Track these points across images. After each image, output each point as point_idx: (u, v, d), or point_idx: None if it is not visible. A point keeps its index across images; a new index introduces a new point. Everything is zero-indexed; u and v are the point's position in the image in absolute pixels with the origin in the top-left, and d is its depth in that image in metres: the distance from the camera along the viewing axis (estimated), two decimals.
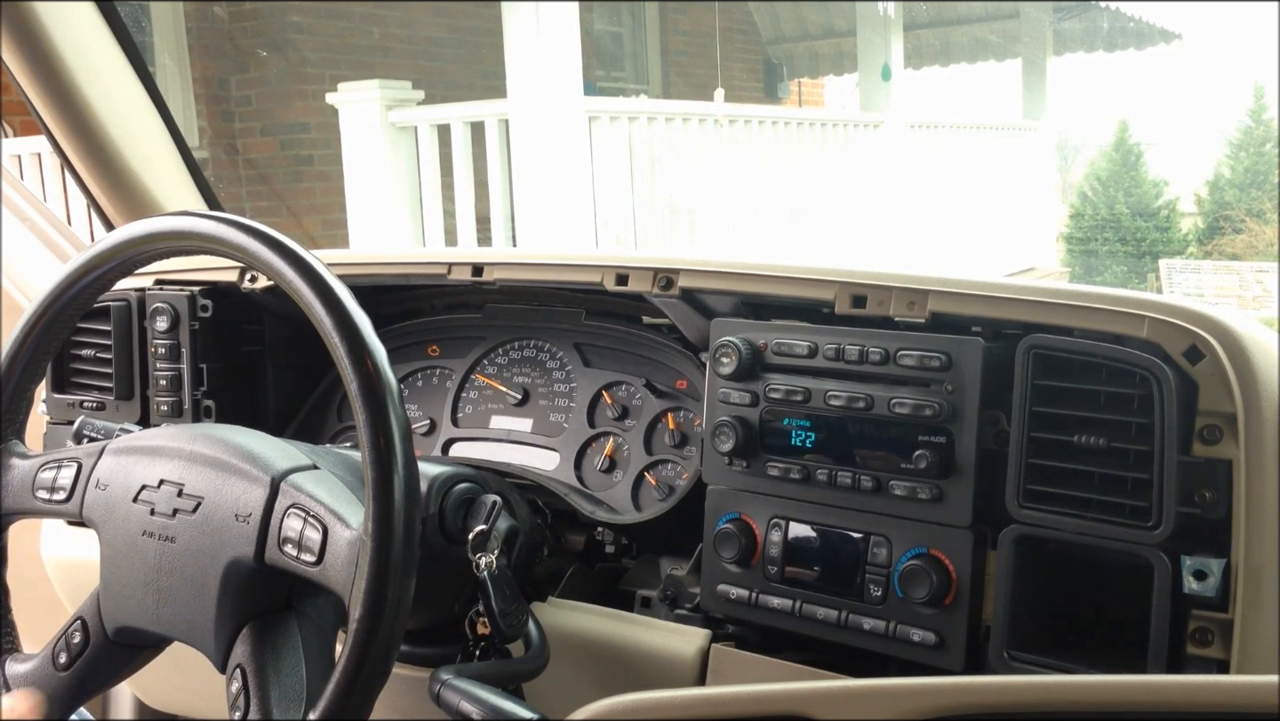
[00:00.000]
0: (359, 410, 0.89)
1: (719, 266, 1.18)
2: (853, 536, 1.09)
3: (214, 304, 1.48)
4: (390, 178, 5.90)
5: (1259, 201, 10.05)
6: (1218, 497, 0.91)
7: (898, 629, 1.05)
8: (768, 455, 1.13)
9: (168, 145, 1.78)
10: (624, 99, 6.74)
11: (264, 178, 7.14)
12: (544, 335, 1.46)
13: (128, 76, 1.71)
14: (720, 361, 1.14)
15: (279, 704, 0.94)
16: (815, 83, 11.65)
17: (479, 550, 1.09)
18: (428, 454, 1.46)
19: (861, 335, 1.08)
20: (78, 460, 1.10)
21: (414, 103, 5.95)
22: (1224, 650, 0.92)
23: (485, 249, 1.56)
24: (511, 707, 0.97)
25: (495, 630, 1.09)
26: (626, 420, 1.37)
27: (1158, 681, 0.63)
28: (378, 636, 0.87)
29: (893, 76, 8.23)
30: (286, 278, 0.94)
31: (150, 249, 1.06)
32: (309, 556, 0.94)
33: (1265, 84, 10.29)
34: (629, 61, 9.65)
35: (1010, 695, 0.61)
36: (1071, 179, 11.72)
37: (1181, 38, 10.13)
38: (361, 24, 7.23)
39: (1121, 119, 10.57)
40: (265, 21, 7.03)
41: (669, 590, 1.22)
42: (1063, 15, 10.15)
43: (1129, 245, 10.01)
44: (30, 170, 4.64)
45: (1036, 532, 0.99)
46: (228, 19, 7.08)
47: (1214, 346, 0.92)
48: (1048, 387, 0.98)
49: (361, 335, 0.91)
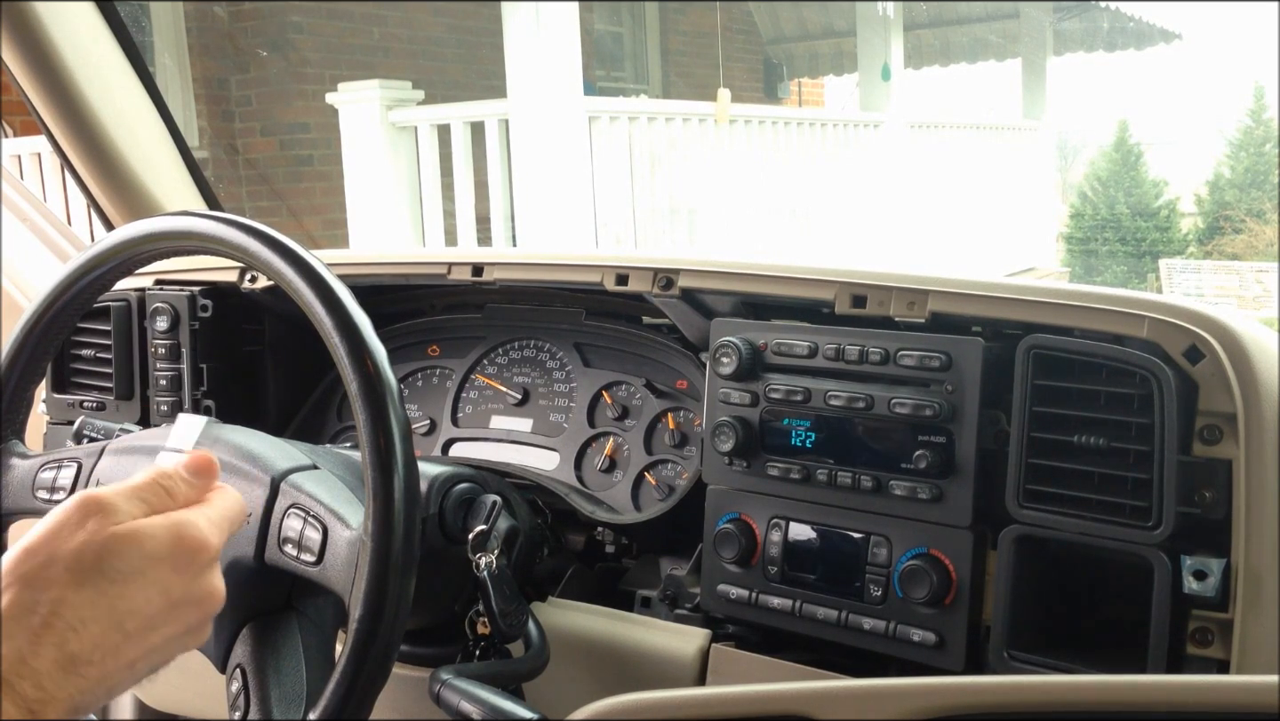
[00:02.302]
0: (359, 410, 0.89)
1: (719, 266, 1.18)
2: (853, 536, 1.09)
3: (214, 304, 1.48)
4: (390, 178, 5.91)
5: (1259, 201, 10.05)
6: (1218, 497, 0.91)
7: (898, 629, 1.05)
8: (768, 455, 1.13)
9: (168, 145, 1.78)
10: (624, 99, 6.75)
11: (264, 178, 7.14)
12: (544, 335, 1.45)
13: (128, 76, 1.71)
14: (720, 361, 1.14)
15: (279, 704, 0.94)
16: (815, 83, 11.66)
17: (479, 550, 1.09)
18: (428, 454, 1.46)
19: (861, 335, 1.08)
20: (78, 460, 1.10)
21: (414, 103, 5.95)
22: (1224, 650, 0.92)
23: (485, 249, 1.56)
24: (511, 707, 0.97)
25: (495, 630, 1.09)
26: (626, 420, 1.37)
27: (1158, 681, 0.63)
28: (378, 636, 0.87)
29: (893, 76, 8.23)
30: (286, 278, 0.94)
31: (150, 249, 1.06)
32: (309, 556, 0.94)
33: (1265, 84, 10.30)
34: (629, 61, 9.65)
35: (1010, 695, 0.61)
36: (1071, 179, 11.73)
37: (1181, 38, 10.14)
38: (361, 24, 7.24)
39: (1121, 119, 10.58)
40: (265, 21, 7.03)
41: (669, 590, 1.22)
42: (1063, 15, 10.15)
43: (1129, 245, 10.02)
44: (30, 170, 4.64)
45: (1036, 532, 0.99)
46: (228, 19, 7.08)
47: (1214, 346, 0.92)
48: (1048, 388, 0.98)
49: (361, 335, 0.91)
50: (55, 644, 0.67)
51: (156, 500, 0.76)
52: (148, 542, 0.73)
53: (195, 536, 0.75)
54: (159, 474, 0.78)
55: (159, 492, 0.77)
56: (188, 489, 0.79)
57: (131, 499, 0.75)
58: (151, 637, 0.73)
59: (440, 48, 7.70)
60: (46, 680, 0.66)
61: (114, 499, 0.74)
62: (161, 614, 0.73)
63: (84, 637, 0.68)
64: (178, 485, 0.78)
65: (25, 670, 0.66)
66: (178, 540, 0.74)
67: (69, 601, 0.69)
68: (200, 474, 0.80)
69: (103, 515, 0.72)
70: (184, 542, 0.74)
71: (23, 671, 0.66)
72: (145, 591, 0.72)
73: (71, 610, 0.68)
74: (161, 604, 0.73)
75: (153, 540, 0.73)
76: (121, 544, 0.72)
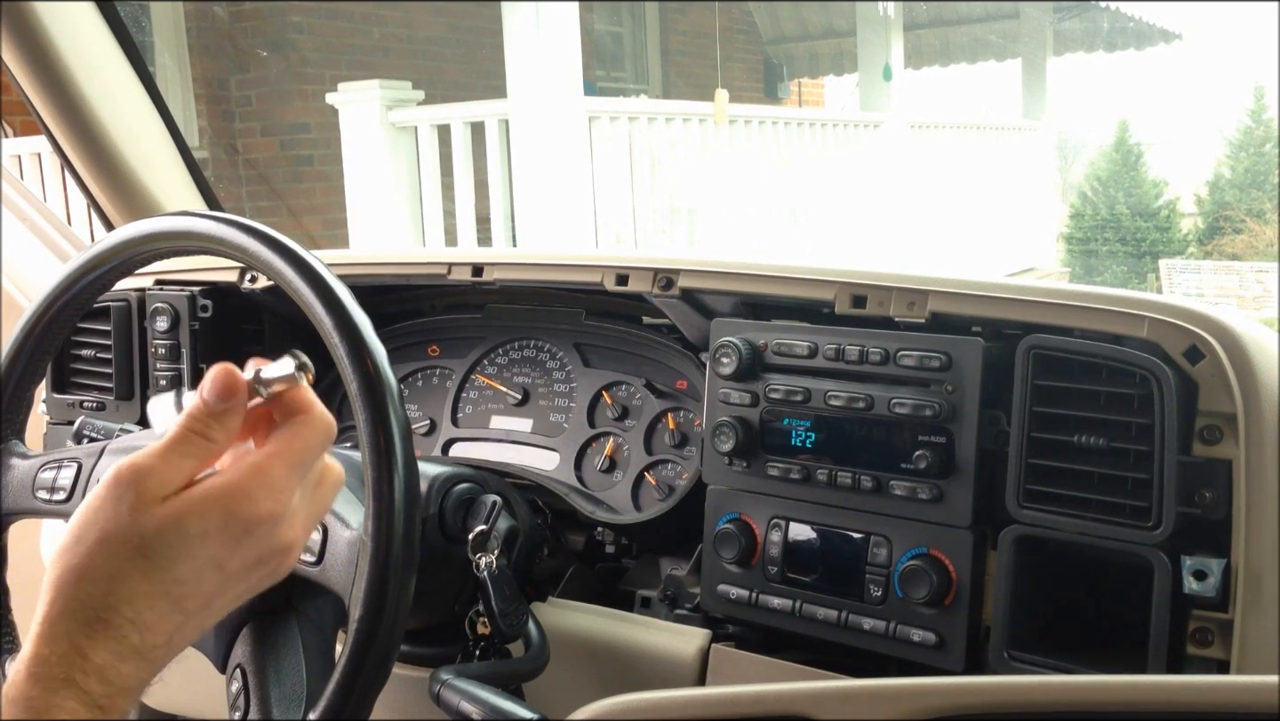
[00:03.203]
0: (359, 410, 0.89)
1: (719, 266, 1.18)
2: (853, 536, 1.09)
3: (214, 304, 1.48)
4: (390, 178, 5.91)
5: (1259, 201, 10.05)
6: (1218, 498, 0.91)
7: (898, 629, 1.05)
8: (768, 455, 1.13)
9: (168, 145, 1.78)
10: (624, 99, 6.75)
11: (264, 178, 7.14)
12: (544, 335, 1.45)
13: (128, 76, 1.71)
14: (720, 361, 1.14)
15: (279, 704, 0.94)
16: (815, 83, 11.65)
17: (479, 550, 1.09)
18: (428, 454, 1.46)
19: (861, 335, 1.08)
20: (78, 460, 1.10)
21: (414, 103, 5.95)
22: (1224, 650, 0.92)
23: (485, 249, 1.56)
24: (511, 707, 0.97)
25: (495, 630, 1.09)
26: (626, 420, 1.37)
27: (1158, 681, 0.63)
28: (378, 636, 0.87)
29: (893, 76, 8.23)
30: (286, 277, 0.94)
31: (150, 249, 1.06)
32: (309, 556, 0.94)
33: (1265, 84, 10.30)
34: (629, 61, 9.65)
35: (1010, 695, 0.61)
36: (1071, 179, 11.73)
37: (1181, 38, 10.14)
38: (361, 24, 7.23)
39: (1121, 119, 10.58)
40: (265, 21, 7.03)
41: (669, 590, 1.22)
42: (1063, 15, 10.15)
43: (1129, 245, 10.02)
44: (30, 170, 4.64)
45: (1036, 532, 0.99)
46: (228, 19, 7.08)
47: (1214, 346, 0.92)
48: (1048, 388, 0.98)
49: (361, 335, 0.91)
50: (115, 637, 0.64)
51: (196, 449, 0.69)
52: (193, 523, 0.67)
53: (246, 510, 0.68)
54: (188, 419, 0.70)
55: (195, 441, 0.69)
56: (222, 424, 0.70)
57: (168, 458, 0.68)
58: (217, 603, 0.69)
59: (440, 48, 7.70)
60: (111, 673, 0.63)
61: (150, 463, 0.67)
62: (221, 586, 0.68)
63: (143, 627, 0.65)
64: (209, 424, 0.70)
65: (89, 666, 0.63)
66: (226, 515, 0.68)
67: (120, 594, 0.65)
68: (224, 395, 0.71)
69: (140, 486, 0.66)
70: (234, 516, 0.68)
71: (86, 668, 0.63)
72: (198, 571, 0.67)
73: (125, 602, 0.65)
74: (218, 579, 0.68)
75: (198, 519, 0.67)
76: (165, 528, 0.66)
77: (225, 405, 0.71)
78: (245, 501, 0.69)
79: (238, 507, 0.68)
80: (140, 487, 0.67)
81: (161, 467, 0.68)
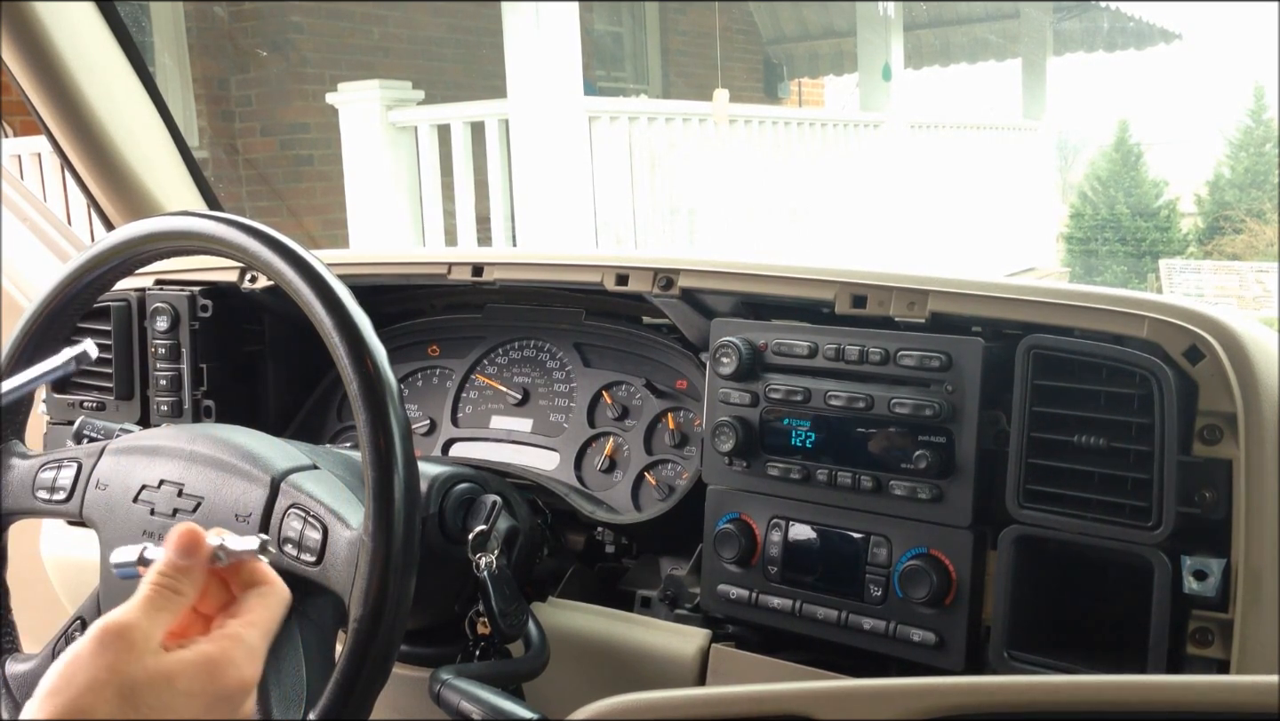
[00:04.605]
0: (359, 410, 0.89)
1: (719, 266, 1.18)
2: (853, 536, 1.09)
3: (214, 304, 1.48)
4: (390, 178, 5.91)
5: (1259, 201, 10.05)
6: (1218, 497, 0.91)
7: (898, 629, 1.05)
8: (768, 455, 1.13)
9: (168, 145, 1.78)
10: (624, 99, 6.75)
11: (264, 178, 7.14)
12: (544, 335, 1.45)
13: (128, 76, 1.71)
14: (720, 361, 1.14)
15: (279, 704, 0.94)
16: (815, 83, 11.65)
17: (479, 550, 1.09)
18: (428, 454, 1.46)
19: (861, 335, 1.08)
20: (78, 460, 1.10)
21: (414, 103, 5.95)
22: (1224, 650, 0.92)
23: (485, 249, 1.56)
24: (511, 707, 0.97)
25: (495, 630, 1.09)
26: (626, 420, 1.37)
27: (1158, 681, 0.63)
28: (378, 636, 0.87)
29: (893, 76, 8.23)
30: (286, 277, 0.94)
31: (150, 249, 1.06)
32: (309, 556, 0.94)
33: (1265, 84, 10.29)
34: (629, 61, 9.65)
35: (1010, 695, 0.61)
36: (1071, 179, 11.72)
37: (1181, 38, 10.14)
38: (361, 24, 7.23)
39: (1121, 119, 10.57)
40: (265, 21, 7.03)
41: (669, 590, 1.22)
42: (1063, 15, 10.14)
43: (1129, 245, 10.01)
44: (30, 170, 4.64)
45: (1036, 532, 0.99)
46: (228, 19, 7.08)
47: (1214, 346, 0.92)
48: (1048, 388, 0.98)
49: (361, 335, 0.91)
50: None
51: (168, 602, 0.73)
52: (181, 682, 0.70)
53: (231, 676, 0.72)
54: (157, 575, 0.75)
55: (166, 595, 0.74)
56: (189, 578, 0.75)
57: (147, 611, 0.72)
58: None
59: (440, 48, 7.70)
60: None
61: (133, 618, 0.71)
62: None
63: None
64: (178, 579, 0.75)
65: None
66: (211, 679, 0.72)
67: None
68: (188, 551, 0.75)
69: (127, 637, 0.70)
70: (218, 681, 0.72)
71: None
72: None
73: None
74: None
75: (187, 679, 0.71)
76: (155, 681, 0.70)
77: (189, 561, 0.76)
78: (230, 667, 0.73)
79: (222, 674, 0.73)
80: (128, 639, 0.70)
81: (144, 621, 0.72)
